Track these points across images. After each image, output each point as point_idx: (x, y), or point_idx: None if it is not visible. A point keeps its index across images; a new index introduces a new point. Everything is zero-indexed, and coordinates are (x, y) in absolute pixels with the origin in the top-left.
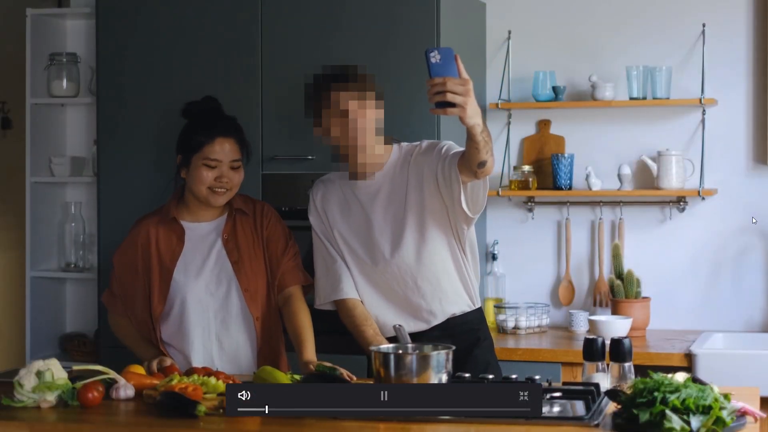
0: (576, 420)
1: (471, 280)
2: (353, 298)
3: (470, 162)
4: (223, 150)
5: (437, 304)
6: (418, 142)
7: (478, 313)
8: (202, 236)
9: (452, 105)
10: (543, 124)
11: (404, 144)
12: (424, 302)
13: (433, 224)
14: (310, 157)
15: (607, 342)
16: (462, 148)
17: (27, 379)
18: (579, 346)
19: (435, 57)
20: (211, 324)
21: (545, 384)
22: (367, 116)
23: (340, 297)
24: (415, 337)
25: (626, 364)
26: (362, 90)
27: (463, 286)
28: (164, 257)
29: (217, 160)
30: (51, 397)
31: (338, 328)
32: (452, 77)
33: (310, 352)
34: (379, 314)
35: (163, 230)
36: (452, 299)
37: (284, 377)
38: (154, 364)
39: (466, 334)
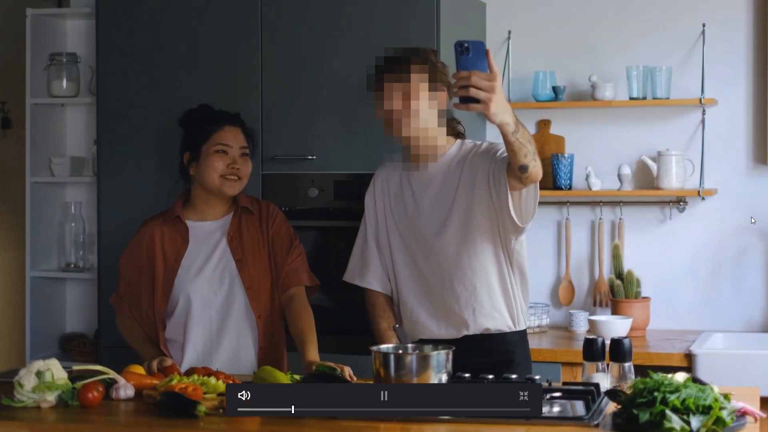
0: (576, 420)
1: (517, 300)
2: (375, 291)
3: (511, 166)
4: (232, 136)
5: (470, 313)
6: (480, 142)
7: (519, 336)
8: (206, 234)
9: (476, 101)
10: (543, 124)
11: (468, 141)
12: (457, 307)
13: (478, 229)
14: (310, 157)
15: (607, 342)
16: None
17: (27, 379)
18: (579, 346)
19: (464, 50)
20: (213, 321)
21: (545, 384)
22: (425, 105)
23: (362, 284)
24: (443, 344)
25: (626, 364)
26: (418, 79)
27: (506, 303)
28: (168, 256)
29: (228, 145)
30: (51, 397)
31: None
32: (478, 71)
33: (313, 353)
34: (414, 307)
35: (167, 230)
36: (488, 312)
37: (284, 377)
38: (155, 364)
39: (501, 355)
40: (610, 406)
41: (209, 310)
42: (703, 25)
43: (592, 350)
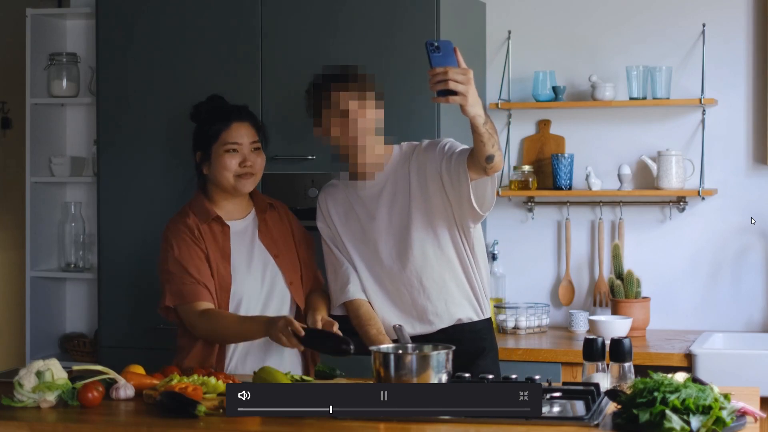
0: (576, 420)
1: (481, 288)
2: (359, 299)
3: (478, 157)
4: (241, 133)
5: (443, 305)
6: (419, 142)
7: (487, 324)
8: (240, 233)
9: (454, 93)
10: (543, 124)
11: (404, 144)
12: (429, 304)
13: (438, 222)
14: (310, 157)
15: (607, 342)
16: (465, 146)
17: (27, 379)
18: (579, 346)
19: (435, 48)
20: None
21: (545, 384)
22: (366, 116)
23: (347, 298)
24: (419, 339)
25: (626, 364)
26: (362, 90)
27: (472, 291)
28: (215, 255)
29: (238, 143)
30: (51, 397)
31: (341, 329)
32: (453, 67)
33: (323, 313)
34: (385, 316)
35: (206, 229)
36: (458, 302)
37: (284, 377)
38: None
39: (472, 343)
40: (610, 406)
41: (260, 308)
42: (703, 25)
43: (592, 350)
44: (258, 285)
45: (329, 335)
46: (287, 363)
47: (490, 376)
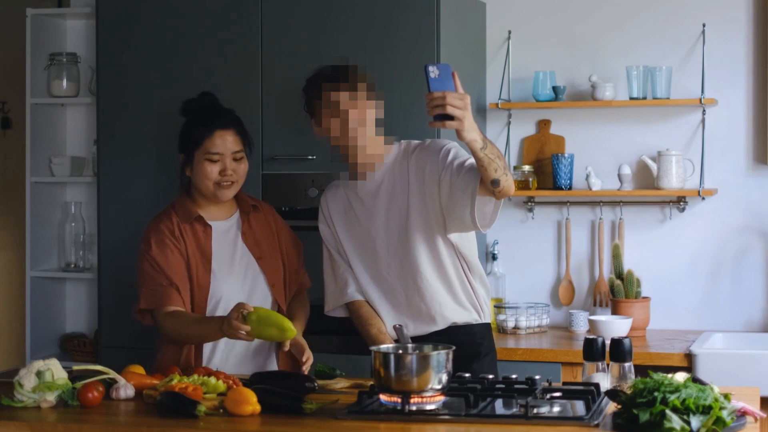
0: (576, 420)
1: (476, 291)
2: (359, 300)
3: (484, 180)
4: (224, 142)
5: (437, 306)
6: (420, 141)
7: (484, 328)
8: (222, 234)
9: (451, 118)
10: (543, 124)
11: (404, 141)
12: (423, 305)
13: (432, 224)
14: (310, 157)
15: (607, 342)
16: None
17: (27, 379)
18: (579, 346)
19: (434, 72)
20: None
21: (545, 384)
22: (365, 114)
23: (347, 300)
24: (418, 340)
25: (626, 364)
26: (357, 88)
27: (466, 295)
28: (196, 255)
29: (219, 153)
30: (51, 397)
31: (340, 329)
32: (451, 92)
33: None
34: (383, 315)
35: (188, 229)
36: (451, 306)
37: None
38: (238, 315)
39: (468, 346)
40: (610, 406)
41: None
42: (703, 25)
43: (592, 350)
44: (239, 286)
45: (290, 375)
46: (274, 364)
47: (490, 376)
